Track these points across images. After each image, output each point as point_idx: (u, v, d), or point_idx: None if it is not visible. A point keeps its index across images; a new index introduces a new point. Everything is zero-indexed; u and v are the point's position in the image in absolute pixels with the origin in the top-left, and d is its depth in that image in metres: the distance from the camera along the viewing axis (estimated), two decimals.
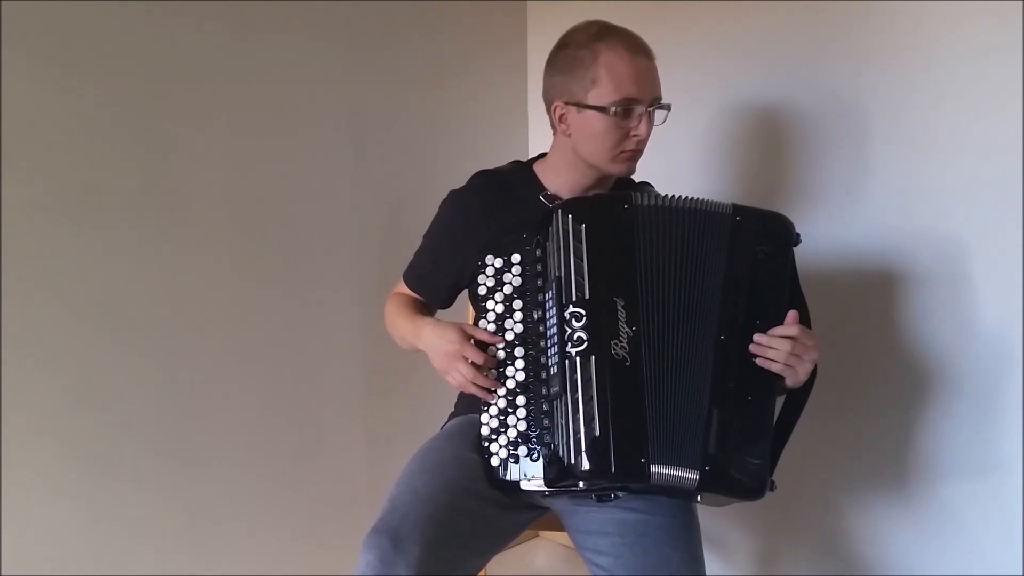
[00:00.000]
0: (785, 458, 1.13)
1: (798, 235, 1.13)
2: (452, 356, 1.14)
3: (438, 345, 1.17)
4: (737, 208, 1.12)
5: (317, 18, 1.72)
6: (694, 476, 1.04)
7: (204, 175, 1.58)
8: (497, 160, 1.39)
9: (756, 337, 1.07)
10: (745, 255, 1.09)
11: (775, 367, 1.07)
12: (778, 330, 1.07)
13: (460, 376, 1.14)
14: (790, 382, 1.09)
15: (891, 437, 1.55)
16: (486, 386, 1.13)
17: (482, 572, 1.35)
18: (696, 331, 1.07)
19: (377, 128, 1.85)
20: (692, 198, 1.12)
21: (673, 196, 1.12)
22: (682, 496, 1.14)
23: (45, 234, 1.39)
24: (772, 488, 1.08)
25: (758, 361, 1.07)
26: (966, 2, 1.37)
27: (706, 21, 1.77)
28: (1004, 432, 1.41)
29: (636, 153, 1.22)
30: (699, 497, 1.10)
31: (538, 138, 2.16)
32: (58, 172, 1.40)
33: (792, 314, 1.08)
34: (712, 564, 1.80)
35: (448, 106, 2.00)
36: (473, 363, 1.13)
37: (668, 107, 1.21)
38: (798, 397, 1.14)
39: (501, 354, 1.15)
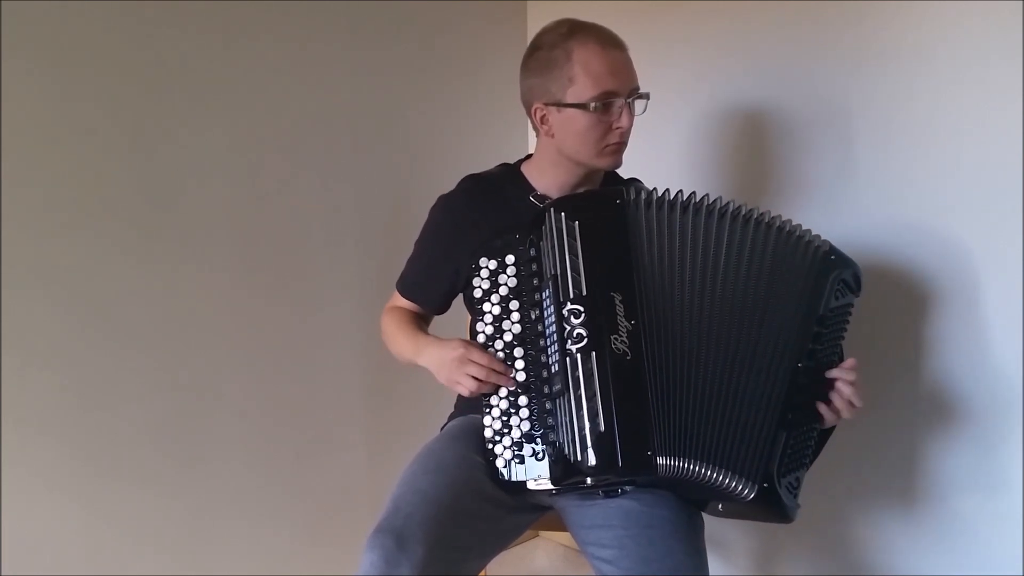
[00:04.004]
0: None
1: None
2: (459, 361, 1.14)
3: (442, 357, 1.17)
4: (833, 248, 1.16)
5: (316, 19, 1.72)
6: (750, 491, 1.05)
7: (204, 176, 1.58)
8: (498, 160, 1.39)
9: (833, 372, 1.10)
10: (830, 293, 1.13)
11: (839, 403, 1.09)
12: (846, 373, 1.10)
13: (470, 379, 1.13)
14: (829, 420, 1.11)
15: (890, 441, 1.54)
16: (500, 371, 1.13)
17: (482, 572, 1.35)
18: (751, 344, 1.09)
19: (377, 129, 1.85)
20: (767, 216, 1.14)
21: (687, 194, 1.14)
22: (699, 504, 1.15)
23: (45, 235, 1.39)
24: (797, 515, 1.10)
25: (831, 394, 1.10)
26: (966, 2, 1.37)
27: (700, 21, 1.77)
28: (1006, 444, 1.41)
29: (621, 146, 1.23)
30: (720, 507, 1.11)
31: None
32: (58, 173, 1.40)
33: (852, 360, 1.11)
34: (712, 564, 1.78)
35: (448, 106, 2.00)
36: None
37: (647, 96, 1.22)
38: (822, 436, 1.16)
39: (500, 356, 1.15)
